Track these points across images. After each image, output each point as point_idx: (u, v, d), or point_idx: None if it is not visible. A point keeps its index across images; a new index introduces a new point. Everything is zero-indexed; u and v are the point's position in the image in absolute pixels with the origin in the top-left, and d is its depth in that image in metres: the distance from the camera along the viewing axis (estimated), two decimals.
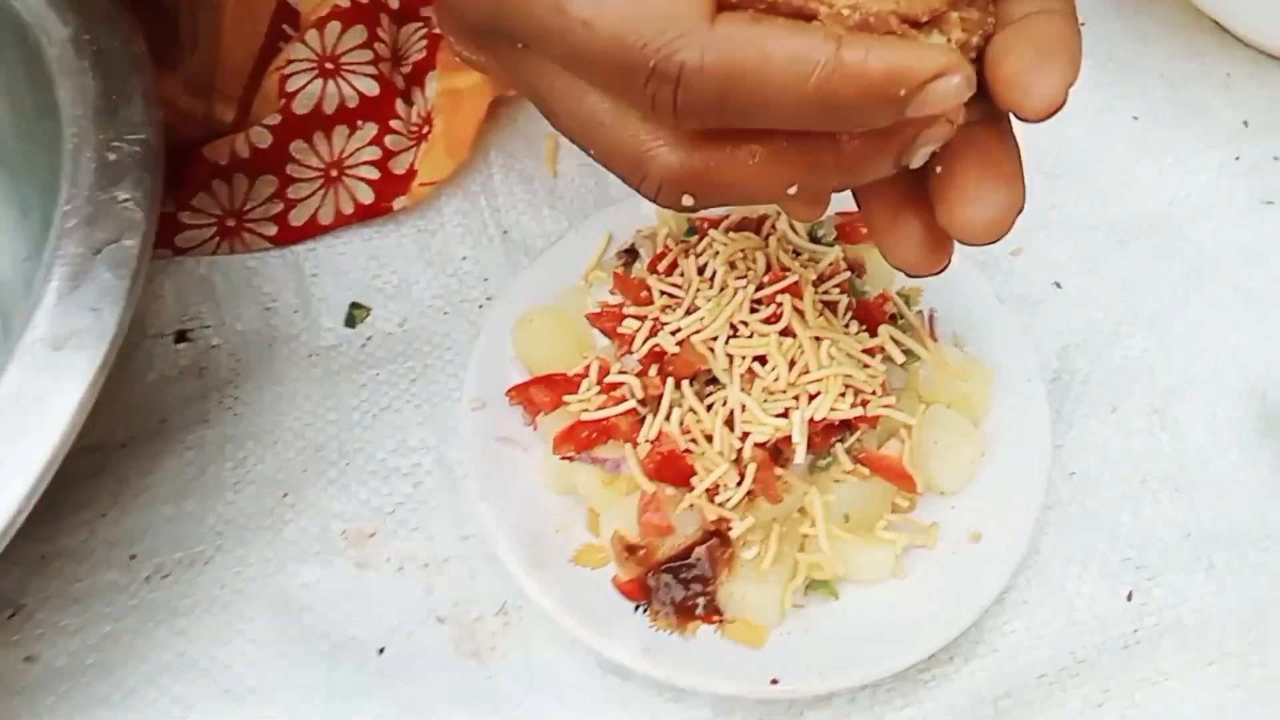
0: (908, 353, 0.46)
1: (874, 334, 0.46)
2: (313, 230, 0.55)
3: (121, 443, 0.50)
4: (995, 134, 0.30)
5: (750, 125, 0.28)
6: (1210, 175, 0.57)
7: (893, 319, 0.48)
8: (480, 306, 0.55)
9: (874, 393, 0.44)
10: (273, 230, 0.55)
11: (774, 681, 0.41)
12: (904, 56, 0.26)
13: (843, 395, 0.43)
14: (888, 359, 0.45)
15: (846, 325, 0.46)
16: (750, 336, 0.44)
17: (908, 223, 0.32)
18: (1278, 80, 0.61)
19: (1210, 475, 0.48)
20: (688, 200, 0.30)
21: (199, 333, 0.54)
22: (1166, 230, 0.55)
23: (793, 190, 0.29)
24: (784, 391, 0.43)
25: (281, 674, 0.44)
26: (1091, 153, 0.58)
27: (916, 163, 0.29)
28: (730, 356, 0.44)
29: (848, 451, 0.44)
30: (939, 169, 0.30)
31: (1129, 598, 0.45)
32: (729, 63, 0.26)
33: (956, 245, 0.33)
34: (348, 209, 0.55)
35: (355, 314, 0.54)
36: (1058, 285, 0.54)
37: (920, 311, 0.49)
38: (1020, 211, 0.30)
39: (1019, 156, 0.31)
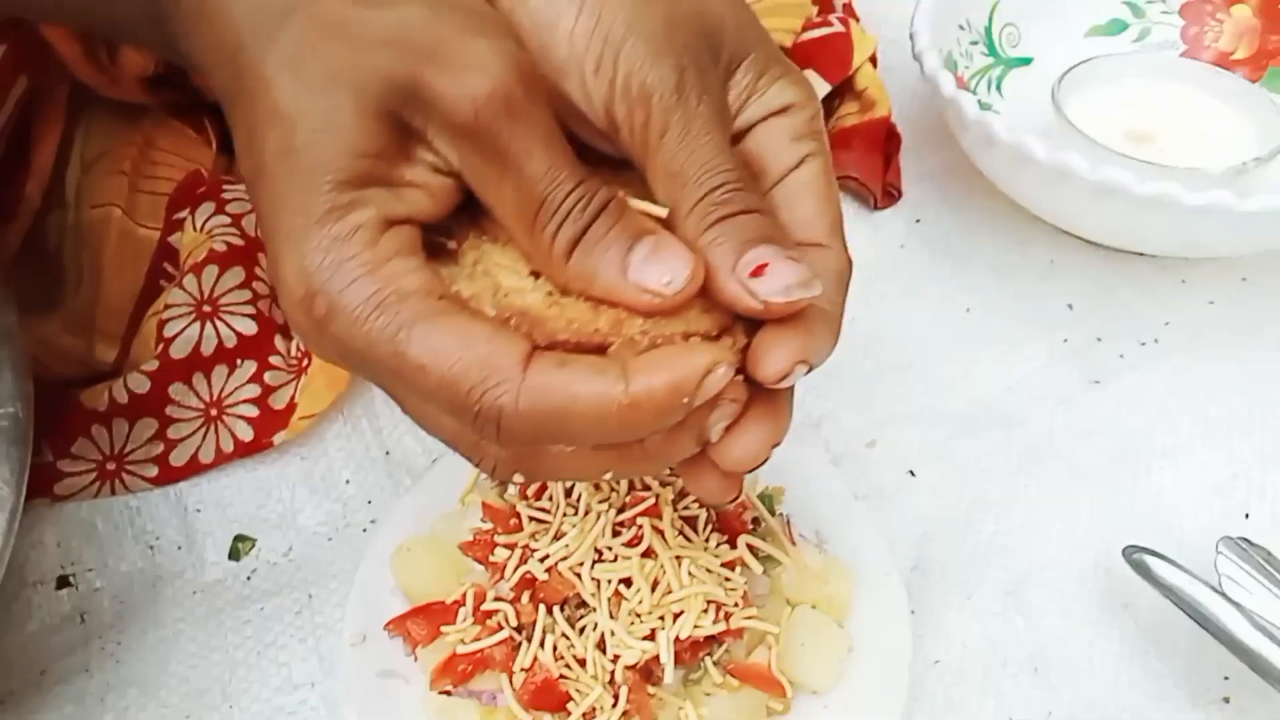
0: (767, 560, 0.48)
1: (734, 545, 0.48)
2: (194, 469, 0.57)
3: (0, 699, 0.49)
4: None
5: (564, 444, 0.33)
6: (1042, 360, 0.62)
7: (755, 523, 0.50)
8: (364, 530, 0.56)
9: (736, 604, 0.46)
10: (153, 471, 0.56)
11: None
12: (680, 367, 0.31)
13: (705, 612, 0.45)
14: (748, 569, 0.48)
15: (707, 539, 0.48)
16: (615, 560, 0.46)
17: (702, 467, 0.36)
18: (1095, 264, 0.66)
19: (1065, 654, 0.50)
20: (519, 478, 0.33)
21: (81, 577, 0.54)
22: (1006, 416, 0.59)
23: (608, 475, 0.33)
24: (649, 613, 0.45)
25: None
26: (935, 344, 0.63)
27: (715, 436, 0.34)
28: (597, 581, 0.46)
29: (716, 664, 0.46)
30: None
31: None
32: (540, 406, 0.31)
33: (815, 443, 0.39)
34: (228, 447, 0.57)
35: (240, 546, 0.55)
36: (912, 474, 0.57)
37: (780, 514, 0.51)
38: (777, 444, 0.36)
39: (779, 401, 0.35)
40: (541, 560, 0.46)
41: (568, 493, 0.49)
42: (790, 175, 0.38)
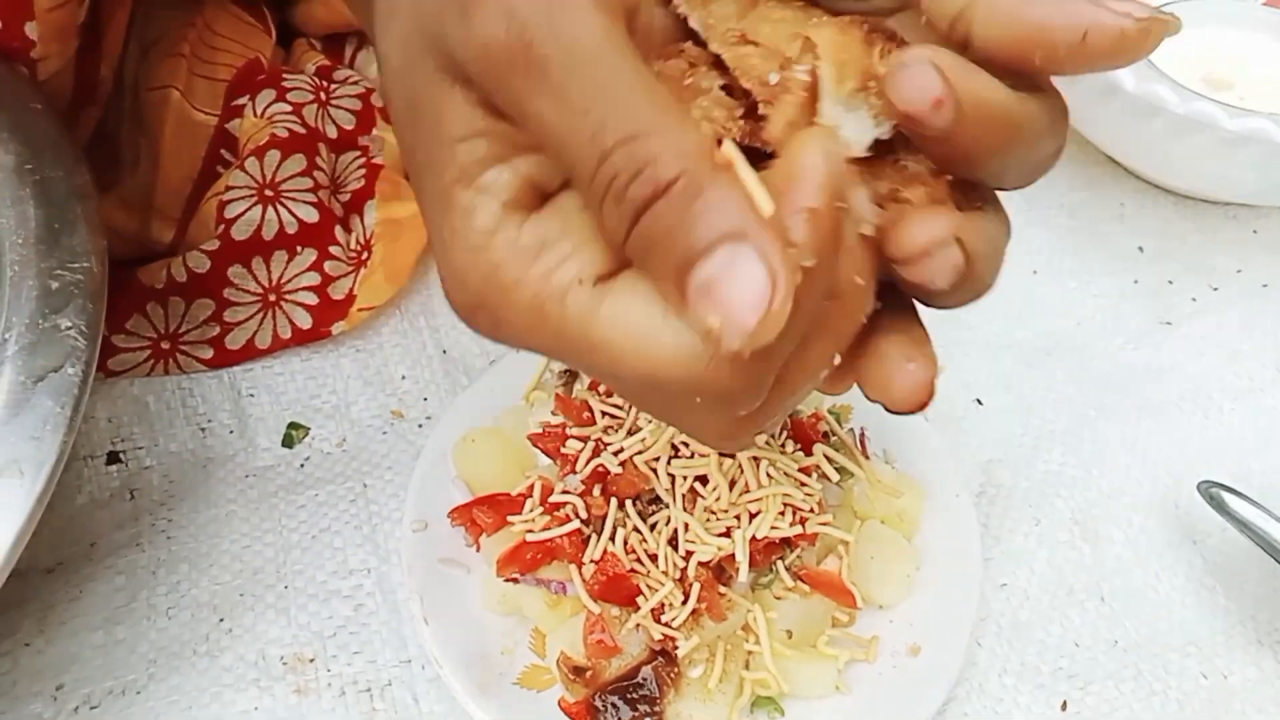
0: (841, 470, 0.48)
1: (809, 453, 0.47)
2: (249, 354, 0.55)
3: (48, 568, 0.48)
4: (905, 316, 0.31)
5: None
6: (1111, 299, 0.61)
7: (825, 437, 0.49)
8: (420, 426, 0.55)
9: (811, 510, 0.45)
10: (208, 354, 0.55)
11: None
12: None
13: (782, 514, 0.44)
14: (823, 477, 0.47)
15: (783, 445, 0.47)
16: (691, 457, 0.45)
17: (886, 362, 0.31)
18: (1167, 210, 0.66)
19: (1131, 584, 0.50)
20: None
21: (131, 454, 0.53)
22: (1074, 349, 0.58)
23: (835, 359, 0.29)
24: (725, 511, 0.44)
25: None
26: (1003, 277, 0.61)
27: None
28: (672, 477, 0.45)
29: (788, 569, 0.45)
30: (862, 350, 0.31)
31: (1063, 707, 0.46)
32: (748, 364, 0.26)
33: None
34: (285, 334, 0.56)
35: (293, 434, 0.54)
36: (979, 402, 0.56)
37: (852, 430, 0.51)
38: (936, 377, 0.31)
39: (926, 334, 0.31)
40: (616, 454, 0.45)
41: None
42: None
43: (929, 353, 0.31)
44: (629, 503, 0.45)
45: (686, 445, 0.45)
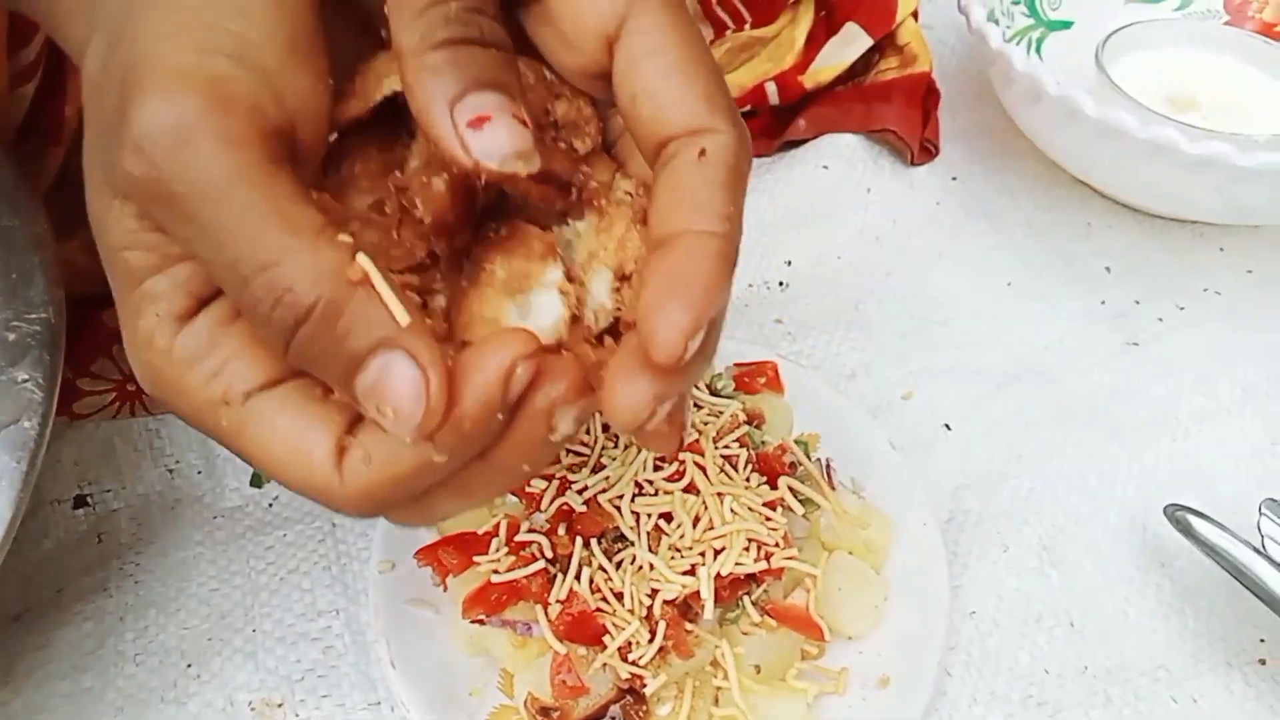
0: (807, 502, 0.48)
1: (774, 486, 0.47)
2: None
3: (15, 615, 0.48)
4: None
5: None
6: (1079, 320, 0.61)
7: (792, 468, 0.49)
8: None
9: (777, 545, 0.45)
10: None
11: None
12: (481, 376, 0.27)
13: (746, 549, 0.44)
14: (788, 510, 0.47)
15: (747, 479, 0.47)
16: (655, 494, 0.45)
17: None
18: (1133, 229, 0.66)
19: (1100, 609, 0.50)
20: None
21: (99, 498, 0.53)
22: (1042, 373, 0.58)
23: (485, 497, 0.31)
24: (690, 548, 0.44)
25: None
26: (970, 301, 0.62)
27: (569, 427, 0.29)
28: (636, 515, 0.45)
29: (755, 603, 0.45)
30: None
31: None
32: (376, 499, 0.29)
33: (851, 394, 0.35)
34: None
35: (261, 474, 0.54)
36: (947, 427, 0.56)
37: (819, 460, 0.51)
38: (701, 326, 0.28)
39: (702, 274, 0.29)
40: (580, 492, 0.45)
41: (605, 427, 0.48)
42: (621, 43, 0.30)
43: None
44: (594, 541, 0.45)
45: (650, 483, 0.45)
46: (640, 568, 0.44)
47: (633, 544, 0.44)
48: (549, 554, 0.45)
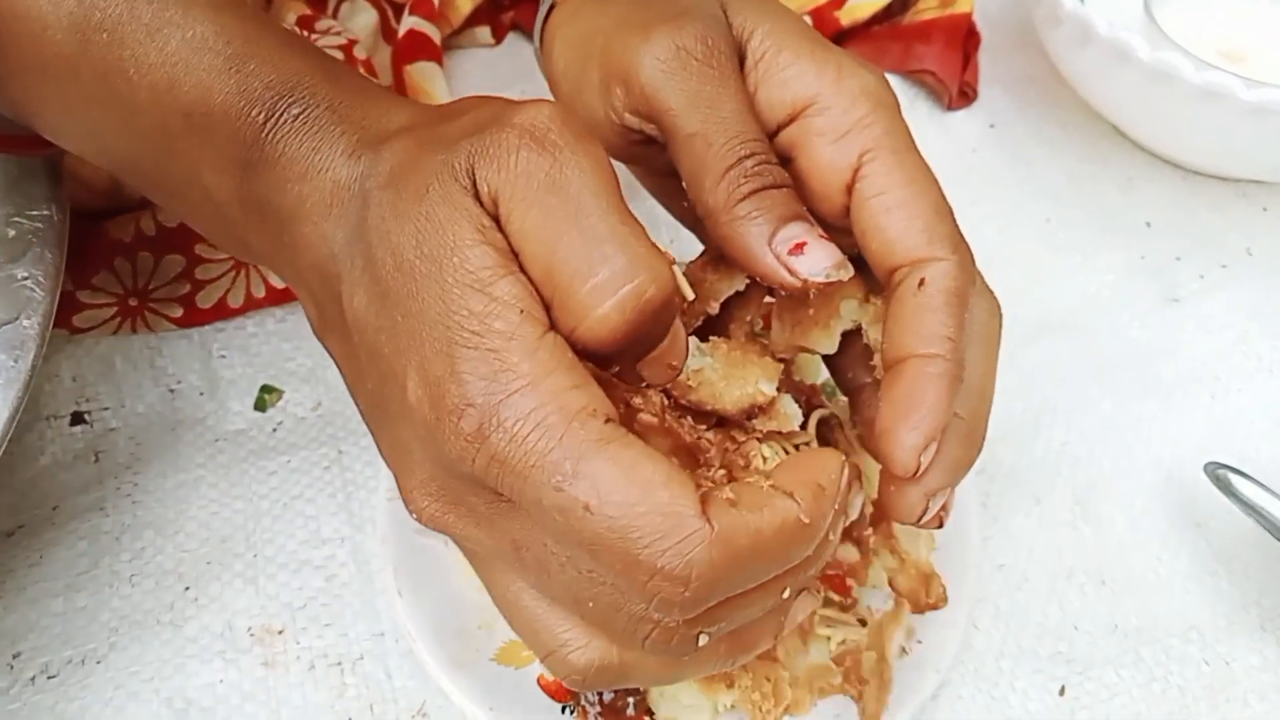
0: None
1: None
2: (221, 313, 0.53)
3: (8, 531, 0.46)
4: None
5: (742, 586, 0.30)
6: (1118, 274, 0.59)
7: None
8: None
9: None
10: (178, 312, 0.53)
11: None
12: (822, 469, 0.31)
13: None
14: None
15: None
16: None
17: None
18: (1176, 185, 0.64)
19: (1132, 568, 0.48)
20: (703, 640, 0.31)
21: (96, 415, 0.51)
22: (1078, 326, 0.56)
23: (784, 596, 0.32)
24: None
25: None
26: (1006, 250, 0.60)
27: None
28: None
29: None
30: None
31: (1061, 692, 0.44)
32: (731, 553, 0.28)
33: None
34: (259, 293, 0.53)
35: (265, 397, 0.52)
36: None
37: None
38: (932, 440, 0.33)
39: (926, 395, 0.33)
40: None
41: None
42: (855, 188, 0.35)
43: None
44: None
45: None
46: None
47: None
48: None
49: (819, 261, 0.33)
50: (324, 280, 0.33)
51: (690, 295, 0.37)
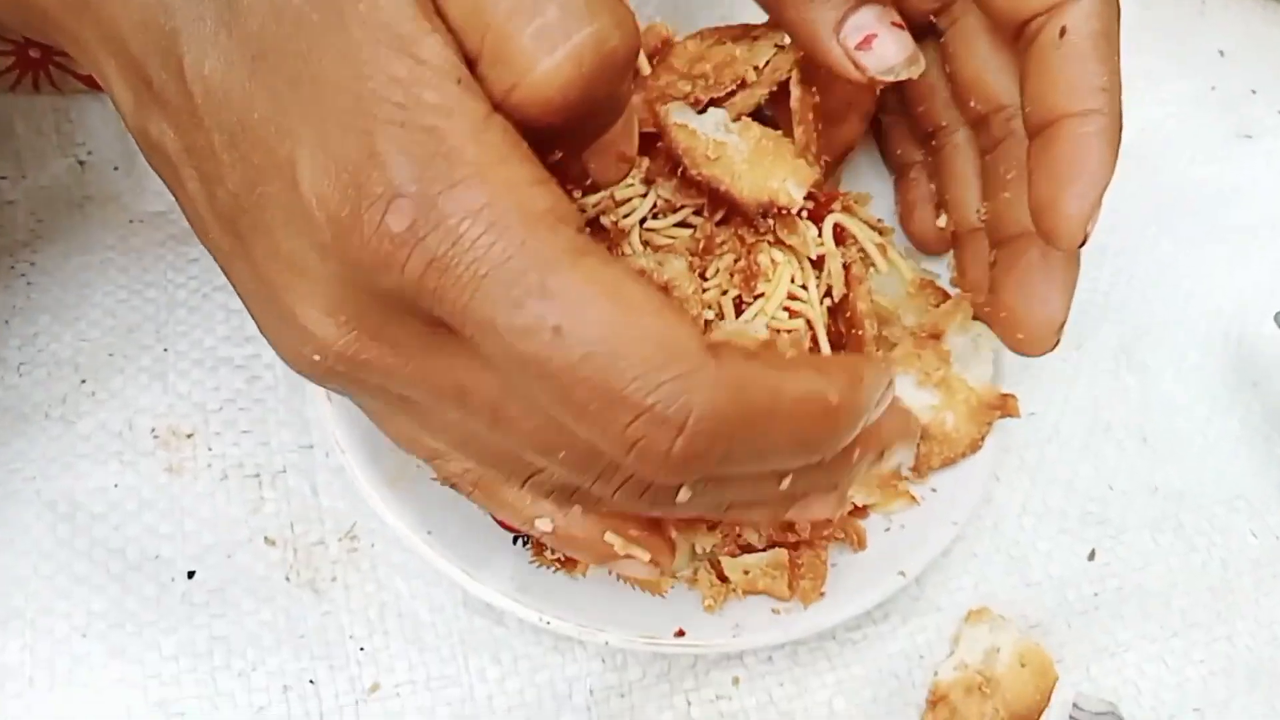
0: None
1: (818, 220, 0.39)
2: None
3: None
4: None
5: (747, 464, 0.24)
6: (1185, 104, 0.52)
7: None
8: None
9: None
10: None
11: (680, 633, 0.34)
12: (871, 369, 0.25)
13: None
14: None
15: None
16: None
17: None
18: (1253, 11, 0.56)
19: (1178, 427, 0.43)
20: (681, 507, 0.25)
21: None
22: (1138, 158, 0.49)
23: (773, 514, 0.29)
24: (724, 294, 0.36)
25: (57, 594, 0.35)
26: None
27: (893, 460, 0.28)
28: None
29: None
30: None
31: (1091, 556, 0.39)
32: (740, 407, 0.22)
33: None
34: None
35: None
36: None
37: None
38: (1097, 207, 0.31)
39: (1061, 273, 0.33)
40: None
41: None
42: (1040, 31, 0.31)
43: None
44: None
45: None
46: None
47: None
48: None
49: (887, 57, 0.31)
50: (150, 41, 0.24)
51: (647, 70, 0.35)
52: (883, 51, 0.32)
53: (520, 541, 0.35)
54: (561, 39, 0.21)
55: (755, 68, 0.36)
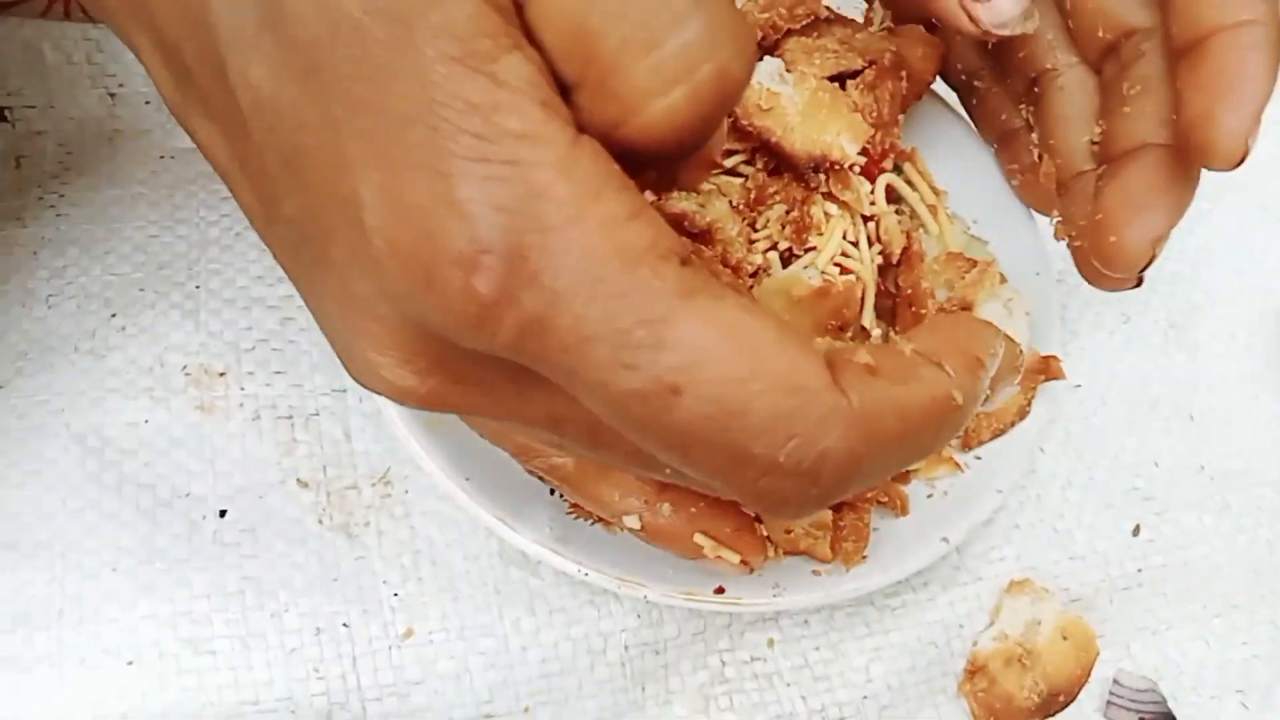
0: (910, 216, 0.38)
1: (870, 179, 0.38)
2: None
3: None
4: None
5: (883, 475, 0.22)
6: None
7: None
8: None
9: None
10: None
11: (719, 590, 0.33)
12: (976, 336, 0.24)
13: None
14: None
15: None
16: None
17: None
18: None
19: (1226, 405, 0.42)
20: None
21: (20, 114, 0.43)
22: None
23: None
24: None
25: (86, 529, 0.34)
26: None
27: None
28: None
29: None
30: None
31: (1135, 532, 0.38)
32: (877, 443, 0.20)
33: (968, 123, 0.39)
34: None
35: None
36: None
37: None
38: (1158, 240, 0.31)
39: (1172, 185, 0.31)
40: None
41: None
42: None
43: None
44: None
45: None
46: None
47: None
48: None
49: (1003, 10, 0.31)
50: (190, 34, 0.22)
51: None
52: (1000, 4, 0.31)
53: (558, 493, 0.35)
54: (683, 76, 0.19)
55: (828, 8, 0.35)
